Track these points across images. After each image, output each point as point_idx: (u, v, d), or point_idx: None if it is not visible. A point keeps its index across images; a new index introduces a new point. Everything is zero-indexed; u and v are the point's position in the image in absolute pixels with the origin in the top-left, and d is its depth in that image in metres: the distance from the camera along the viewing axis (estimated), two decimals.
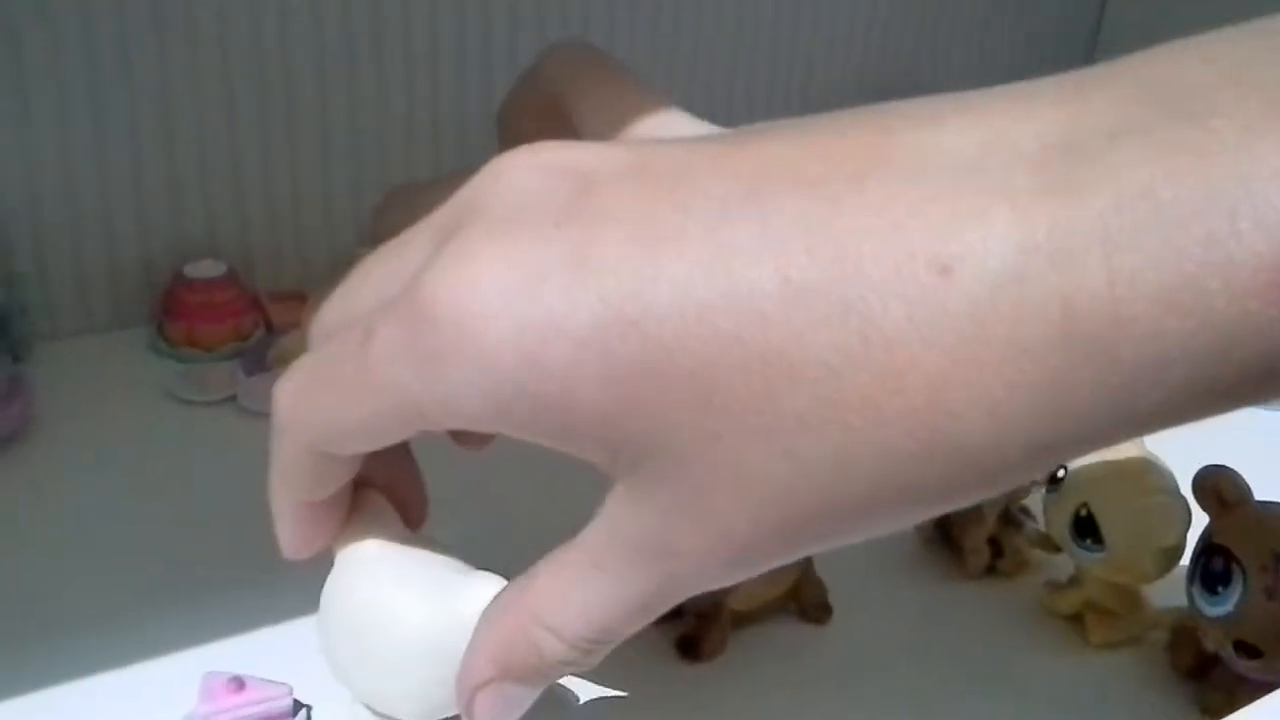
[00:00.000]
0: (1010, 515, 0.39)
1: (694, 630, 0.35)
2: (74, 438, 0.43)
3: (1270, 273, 0.19)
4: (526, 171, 0.24)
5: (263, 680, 0.31)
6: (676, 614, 0.35)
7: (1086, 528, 0.35)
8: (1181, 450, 0.36)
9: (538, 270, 0.23)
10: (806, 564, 0.35)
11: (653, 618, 0.25)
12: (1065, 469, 0.36)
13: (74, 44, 0.46)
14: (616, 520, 0.24)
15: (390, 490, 0.31)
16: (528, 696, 0.26)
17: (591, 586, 0.25)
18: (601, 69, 0.32)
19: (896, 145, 0.22)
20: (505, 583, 0.26)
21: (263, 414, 0.45)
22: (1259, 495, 0.34)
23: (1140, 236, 0.19)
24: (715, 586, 0.24)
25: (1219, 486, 0.34)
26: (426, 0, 0.53)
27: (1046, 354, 0.20)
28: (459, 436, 0.32)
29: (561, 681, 0.33)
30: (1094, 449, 0.22)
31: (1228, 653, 0.33)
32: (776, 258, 0.21)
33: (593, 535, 0.25)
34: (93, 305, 0.50)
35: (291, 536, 0.29)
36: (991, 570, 0.39)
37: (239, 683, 0.30)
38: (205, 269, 0.50)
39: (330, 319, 0.28)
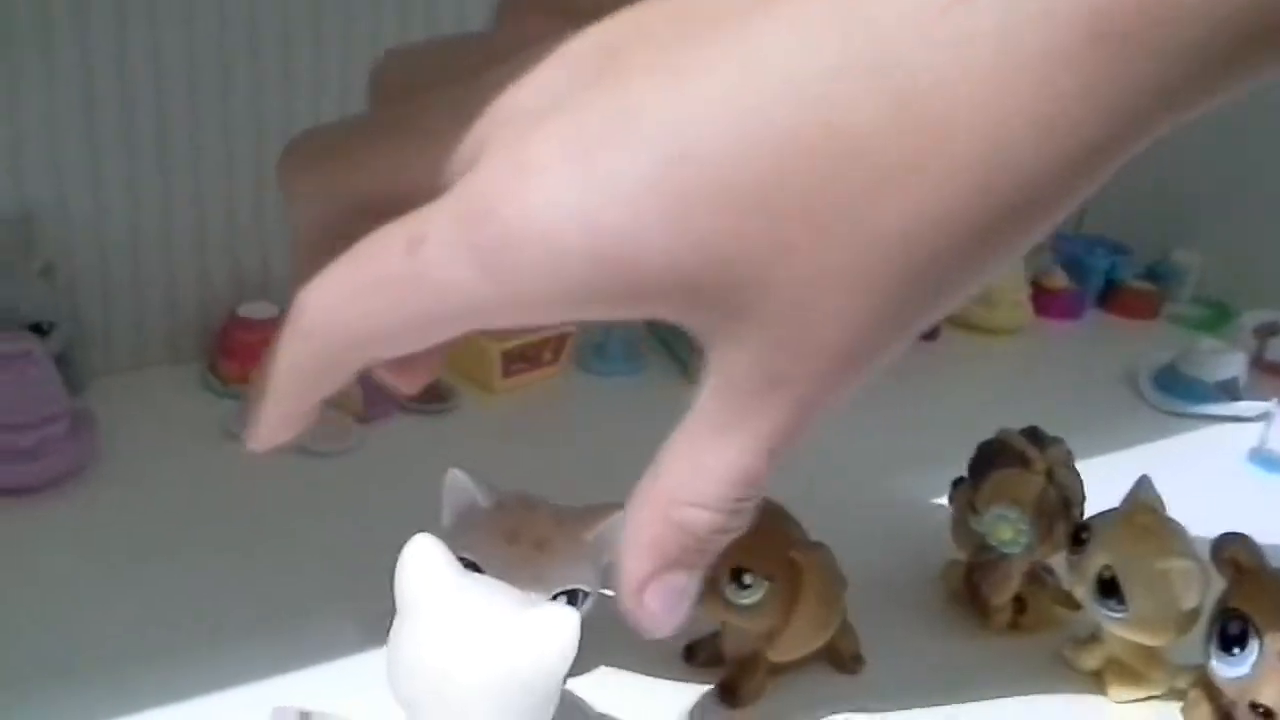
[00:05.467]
0: (1035, 574, 0.40)
1: (734, 678, 0.36)
2: (135, 472, 0.45)
3: None
4: (550, 67, 0.24)
5: (328, 715, 0.32)
6: (718, 661, 0.37)
7: (1109, 589, 0.37)
8: (1201, 517, 0.38)
9: (583, 139, 0.22)
10: (843, 617, 0.36)
11: (790, 447, 0.24)
12: (1089, 530, 0.38)
13: (147, 101, 0.48)
14: (723, 373, 0.24)
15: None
16: (692, 581, 0.26)
17: (723, 445, 0.24)
18: None
19: None
20: (574, 610, 0.28)
21: (317, 453, 0.47)
22: (1277, 562, 0.35)
23: None
24: (838, 398, 0.24)
25: (1236, 553, 0.36)
26: None
27: (1082, 54, 0.21)
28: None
29: None
30: (1136, 142, 0.22)
31: (1243, 713, 0.34)
32: (808, 48, 0.21)
33: (707, 399, 0.24)
34: (149, 341, 0.52)
35: (273, 431, 0.27)
36: (1015, 626, 0.41)
37: (305, 718, 0.32)
38: (260, 310, 0.52)
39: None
